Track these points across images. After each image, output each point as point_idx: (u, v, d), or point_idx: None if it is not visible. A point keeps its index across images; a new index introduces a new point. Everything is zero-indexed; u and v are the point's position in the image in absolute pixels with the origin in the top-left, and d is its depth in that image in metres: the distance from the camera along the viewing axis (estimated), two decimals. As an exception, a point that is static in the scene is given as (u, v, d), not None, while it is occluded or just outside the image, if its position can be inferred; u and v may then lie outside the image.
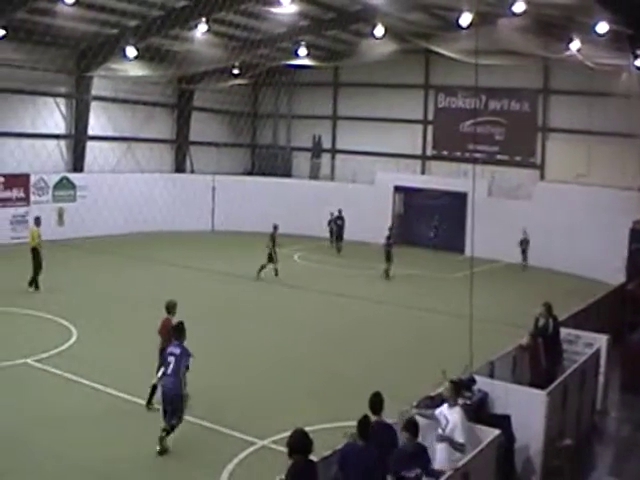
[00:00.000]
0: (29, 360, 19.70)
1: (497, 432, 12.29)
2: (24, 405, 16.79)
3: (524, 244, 38.96)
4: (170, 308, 16.86)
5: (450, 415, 12.10)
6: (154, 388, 16.34)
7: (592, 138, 40.54)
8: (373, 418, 11.11)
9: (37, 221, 29.14)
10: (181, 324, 15.50)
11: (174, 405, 14.90)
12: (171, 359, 15.00)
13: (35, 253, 28.35)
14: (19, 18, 32.80)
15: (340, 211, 43.60)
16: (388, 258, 34.30)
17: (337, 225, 43.68)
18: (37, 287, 28.28)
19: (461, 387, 13.36)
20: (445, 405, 12.31)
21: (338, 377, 19.89)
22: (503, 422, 13.25)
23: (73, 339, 21.98)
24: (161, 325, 16.76)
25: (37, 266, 28.39)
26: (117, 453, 14.67)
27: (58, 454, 14.48)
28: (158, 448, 14.61)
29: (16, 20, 32.93)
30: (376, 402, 11.44)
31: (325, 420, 15.65)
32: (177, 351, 15.06)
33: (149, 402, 16.74)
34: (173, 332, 15.52)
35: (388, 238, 35.20)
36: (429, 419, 12.37)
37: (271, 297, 29.87)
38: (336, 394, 18.52)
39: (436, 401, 12.84)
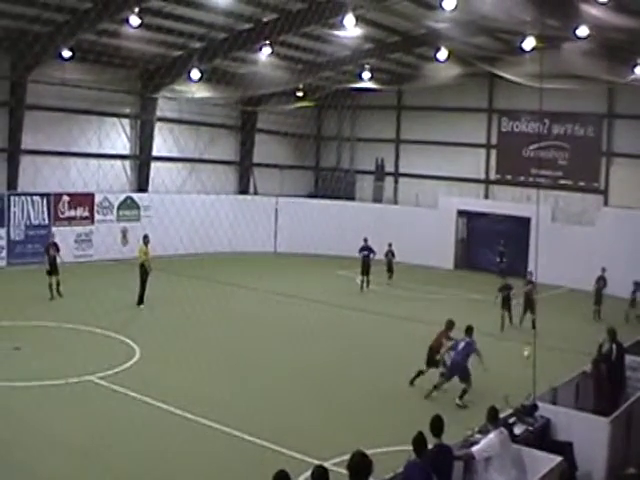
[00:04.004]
0: (93, 377, 20.02)
1: (559, 459, 12.16)
2: (87, 420, 17.03)
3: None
4: (449, 325, 21.38)
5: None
6: (420, 373, 21.05)
7: (658, 164, 40.12)
8: (433, 441, 11.21)
9: (146, 239, 30.30)
10: (471, 326, 20.72)
11: (462, 374, 20.15)
12: (462, 343, 20.43)
13: (143, 270, 29.52)
14: (88, 40, 33.43)
15: (366, 240, 38.10)
16: (508, 308, 30.08)
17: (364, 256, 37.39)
18: (142, 302, 29.43)
19: (522, 413, 13.42)
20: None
21: (403, 400, 19.86)
22: (565, 449, 13.12)
23: (136, 357, 22.31)
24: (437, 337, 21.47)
25: (144, 283, 29.55)
26: (176, 471, 14.83)
27: (119, 469, 14.65)
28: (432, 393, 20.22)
29: (86, 42, 33.58)
30: (437, 425, 11.50)
31: (388, 443, 15.54)
32: (468, 340, 20.50)
33: (413, 381, 21.17)
34: (465, 330, 20.69)
35: (507, 288, 30.48)
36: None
37: (341, 320, 29.74)
38: (400, 417, 18.39)
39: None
